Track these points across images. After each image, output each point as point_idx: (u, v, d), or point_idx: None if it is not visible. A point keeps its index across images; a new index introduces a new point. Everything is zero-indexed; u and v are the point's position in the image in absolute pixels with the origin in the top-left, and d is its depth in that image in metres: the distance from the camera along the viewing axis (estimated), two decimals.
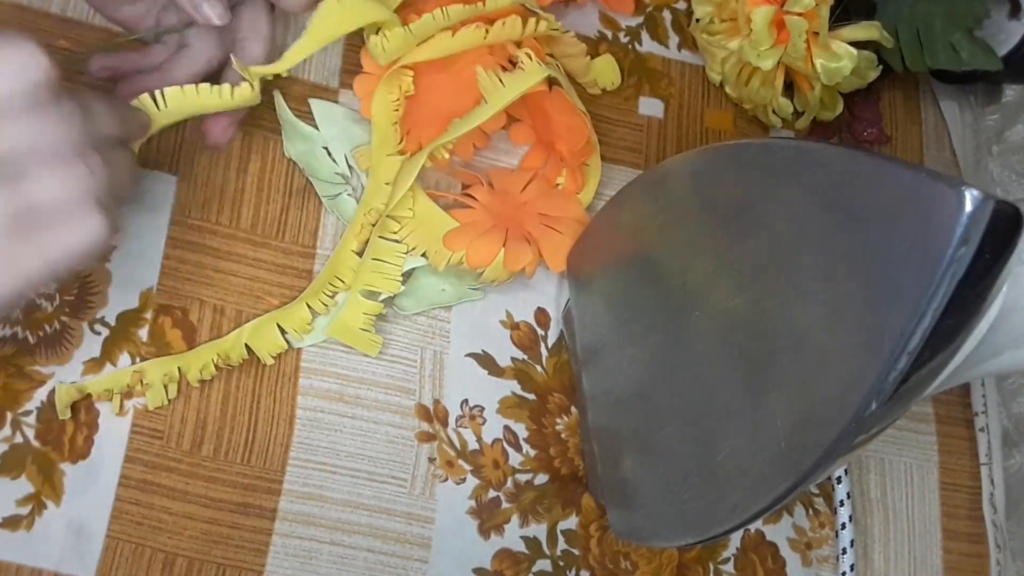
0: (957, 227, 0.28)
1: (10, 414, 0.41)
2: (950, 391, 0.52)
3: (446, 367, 0.47)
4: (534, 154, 0.50)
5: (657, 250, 0.42)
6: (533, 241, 0.46)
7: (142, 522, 0.41)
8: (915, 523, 0.51)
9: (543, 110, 0.48)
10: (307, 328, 0.44)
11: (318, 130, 0.48)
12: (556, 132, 0.48)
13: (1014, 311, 0.33)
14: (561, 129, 0.48)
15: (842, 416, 0.31)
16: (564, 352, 0.49)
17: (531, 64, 0.45)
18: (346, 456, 0.44)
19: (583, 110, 0.47)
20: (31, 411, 0.41)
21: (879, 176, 0.31)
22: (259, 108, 0.47)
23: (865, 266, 0.31)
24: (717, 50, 0.53)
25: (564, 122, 0.47)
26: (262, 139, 0.47)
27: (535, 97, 0.46)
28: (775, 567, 0.48)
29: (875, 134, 0.57)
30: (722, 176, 0.38)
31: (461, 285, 0.47)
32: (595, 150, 0.49)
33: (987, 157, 0.57)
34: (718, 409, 0.37)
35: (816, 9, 0.47)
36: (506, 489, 0.46)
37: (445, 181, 0.49)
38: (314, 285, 0.45)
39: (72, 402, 0.41)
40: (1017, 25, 0.53)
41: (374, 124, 0.47)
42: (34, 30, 0.45)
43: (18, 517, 0.40)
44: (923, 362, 0.30)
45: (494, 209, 0.47)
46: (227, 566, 0.41)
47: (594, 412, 0.45)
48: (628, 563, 0.46)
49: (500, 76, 0.44)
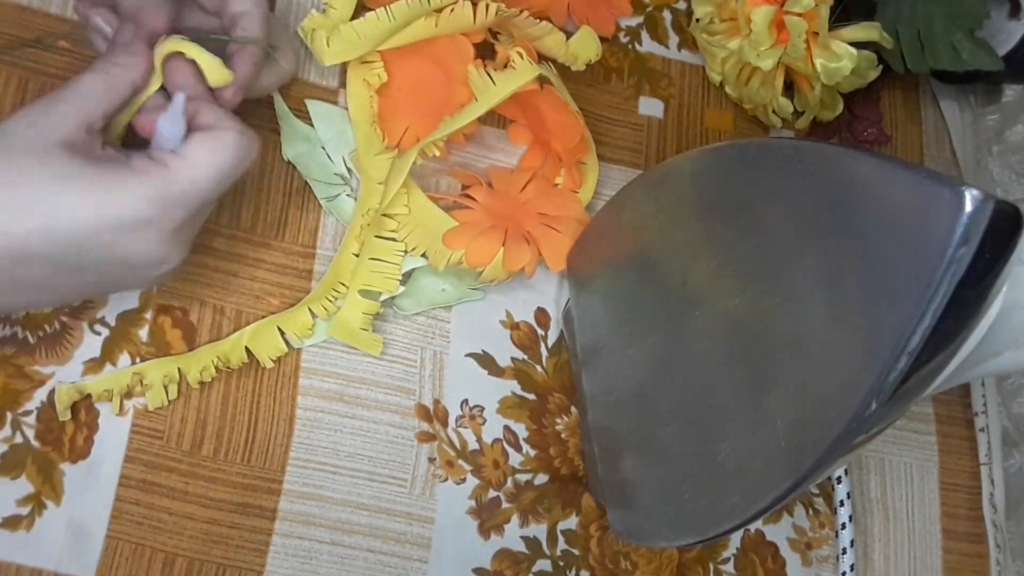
0: (957, 227, 0.28)
1: (10, 414, 0.41)
2: (950, 391, 0.52)
3: (446, 367, 0.47)
4: (532, 154, 0.50)
5: (657, 250, 0.42)
6: (533, 241, 0.46)
7: (142, 522, 0.41)
8: (915, 523, 0.51)
9: (536, 109, 0.48)
10: (308, 333, 0.44)
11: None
12: (550, 131, 0.48)
13: (1014, 311, 0.33)
14: (555, 127, 0.48)
15: (842, 416, 0.31)
16: (564, 352, 0.49)
17: (522, 63, 0.45)
18: (346, 456, 0.44)
19: (575, 108, 0.47)
20: (31, 411, 0.41)
21: (879, 176, 0.31)
22: (259, 108, 0.47)
23: (865, 266, 0.31)
24: (717, 50, 0.53)
25: (557, 120, 0.47)
26: (262, 139, 0.47)
27: (527, 96, 0.46)
28: (775, 567, 0.48)
29: (875, 134, 0.57)
30: (722, 176, 0.38)
31: (461, 285, 0.47)
32: (590, 148, 0.49)
33: (987, 157, 0.57)
34: (718, 409, 0.37)
35: (816, 9, 0.47)
36: (506, 489, 0.46)
37: (445, 182, 0.49)
38: (317, 290, 0.45)
39: (72, 403, 0.41)
40: (1017, 25, 0.53)
41: (354, 125, 0.47)
42: (34, 30, 0.45)
43: (18, 517, 0.40)
44: (923, 362, 0.30)
45: (493, 209, 0.47)
46: (227, 566, 0.41)
47: (594, 412, 0.45)
48: (628, 563, 0.46)
49: (491, 75, 0.45)
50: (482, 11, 0.45)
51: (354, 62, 0.47)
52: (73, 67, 0.45)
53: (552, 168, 0.49)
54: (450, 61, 0.47)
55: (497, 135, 0.51)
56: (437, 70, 0.47)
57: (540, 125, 0.49)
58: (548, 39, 0.48)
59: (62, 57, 0.45)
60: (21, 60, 0.45)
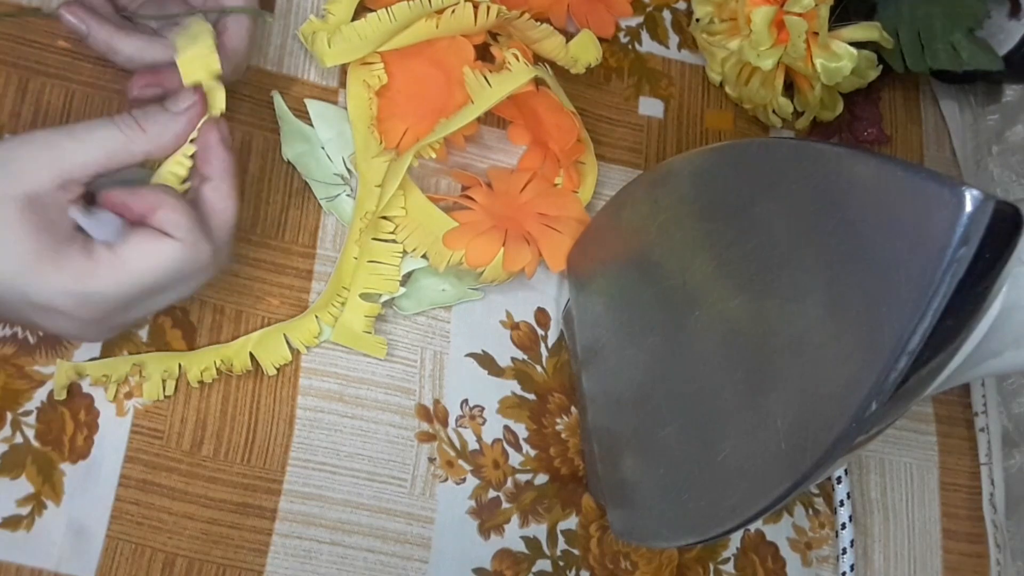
0: (957, 227, 0.28)
1: (10, 414, 0.41)
2: (950, 391, 0.52)
3: (446, 367, 0.47)
4: (531, 154, 0.50)
5: (657, 250, 0.42)
6: (533, 241, 0.46)
7: (142, 522, 0.41)
8: (915, 523, 0.51)
9: (533, 110, 0.48)
10: (314, 341, 0.44)
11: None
12: (547, 131, 0.48)
13: (1014, 311, 0.33)
14: (552, 128, 0.48)
15: (842, 416, 0.31)
16: (564, 352, 0.49)
17: (518, 65, 0.45)
18: (346, 456, 0.44)
19: (571, 108, 0.47)
20: (31, 411, 0.41)
21: (879, 176, 0.31)
22: (259, 108, 0.47)
23: (865, 266, 0.31)
24: (717, 50, 0.53)
25: (554, 121, 0.48)
26: (262, 139, 0.47)
27: (524, 97, 0.46)
28: (775, 567, 0.48)
29: (875, 134, 0.57)
30: (722, 176, 0.38)
31: (461, 285, 0.47)
32: (588, 148, 0.49)
33: (987, 157, 0.57)
34: (718, 409, 0.37)
35: (816, 9, 0.47)
36: (506, 489, 0.46)
37: (445, 183, 0.49)
38: (322, 297, 0.45)
39: (70, 383, 0.41)
40: (1017, 25, 0.53)
41: (352, 127, 0.47)
42: (34, 30, 0.45)
43: (18, 517, 0.40)
44: (923, 362, 0.30)
45: (494, 209, 0.47)
46: (227, 566, 0.41)
47: (594, 412, 0.45)
48: (628, 563, 0.46)
49: (487, 76, 0.45)
50: (483, 13, 0.45)
51: (354, 63, 0.47)
52: (73, 67, 0.45)
53: (551, 168, 0.49)
54: (450, 62, 0.47)
55: (497, 135, 0.51)
56: (437, 72, 0.47)
57: (538, 126, 0.49)
58: (548, 42, 0.48)
59: (62, 57, 0.45)
60: (21, 60, 0.45)
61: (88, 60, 0.46)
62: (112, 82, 0.46)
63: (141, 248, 0.35)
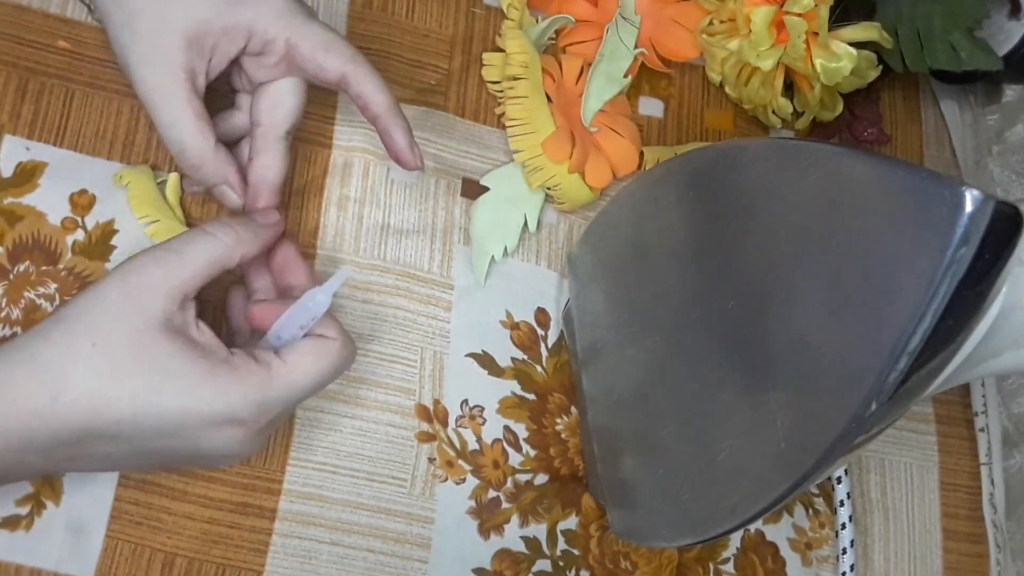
0: (957, 227, 0.28)
1: None
2: (950, 391, 0.52)
3: (446, 367, 0.47)
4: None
5: (657, 250, 0.42)
6: (600, 149, 0.49)
7: (141, 522, 0.41)
8: (915, 523, 0.51)
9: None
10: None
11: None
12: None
13: (1014, 311, 0.33)
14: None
15: (842, 416, 0.31)
16: (564, 352, 0.49)
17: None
18: (346, 456, 0.44)
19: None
20: None
21: (879, 176, 0.31)
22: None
23: (865, 266, 0.31)
24: (717, 50, 0.53)
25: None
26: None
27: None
28: (775, 567, 0.48)
29: (875, 134, 0.57)
30: (722, 176, 0.38)
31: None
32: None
33: (987, 157, 0.57)
34: (718, 409, 0.37)
35: (816, 9, 0.47)
36: (506, 489, 0.46)
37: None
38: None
39: None
40: (1017, 25, 0.53)
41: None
42: (34, 30, 0.45)
43: (17, 517, 0.40)
44: (923, 362, 0.30)
45: (559, 104, 0.50)
46: (227, 566, 0.41)
47: (594, 412, 0.45)
48: (628, 563, 0.46)
49: None
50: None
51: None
52: (73, 67, 0.45)
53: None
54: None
55: (497, 135, 0.51)
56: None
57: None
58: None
59: (62, 57, 0.45)
60: (21, 60, 0.45)
61: (88, 60, 0.46)
62: (112, 82, 0.46)
63: (311, 353, 0.37)
